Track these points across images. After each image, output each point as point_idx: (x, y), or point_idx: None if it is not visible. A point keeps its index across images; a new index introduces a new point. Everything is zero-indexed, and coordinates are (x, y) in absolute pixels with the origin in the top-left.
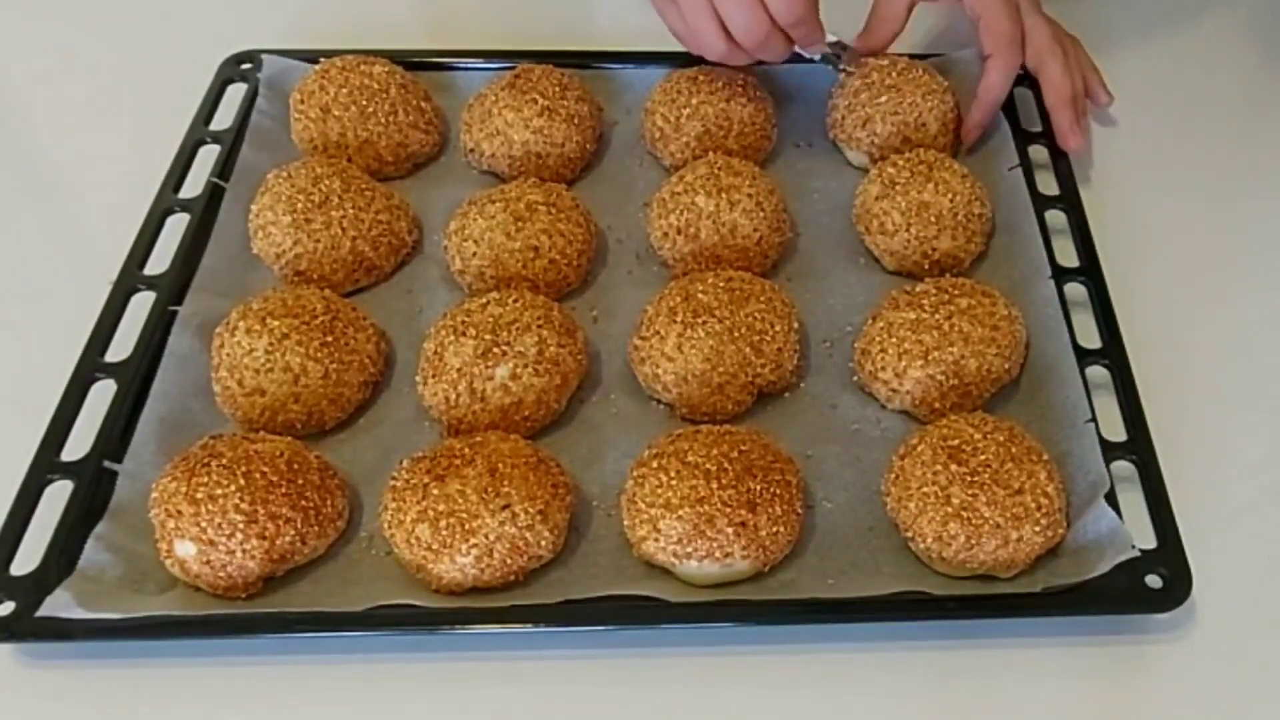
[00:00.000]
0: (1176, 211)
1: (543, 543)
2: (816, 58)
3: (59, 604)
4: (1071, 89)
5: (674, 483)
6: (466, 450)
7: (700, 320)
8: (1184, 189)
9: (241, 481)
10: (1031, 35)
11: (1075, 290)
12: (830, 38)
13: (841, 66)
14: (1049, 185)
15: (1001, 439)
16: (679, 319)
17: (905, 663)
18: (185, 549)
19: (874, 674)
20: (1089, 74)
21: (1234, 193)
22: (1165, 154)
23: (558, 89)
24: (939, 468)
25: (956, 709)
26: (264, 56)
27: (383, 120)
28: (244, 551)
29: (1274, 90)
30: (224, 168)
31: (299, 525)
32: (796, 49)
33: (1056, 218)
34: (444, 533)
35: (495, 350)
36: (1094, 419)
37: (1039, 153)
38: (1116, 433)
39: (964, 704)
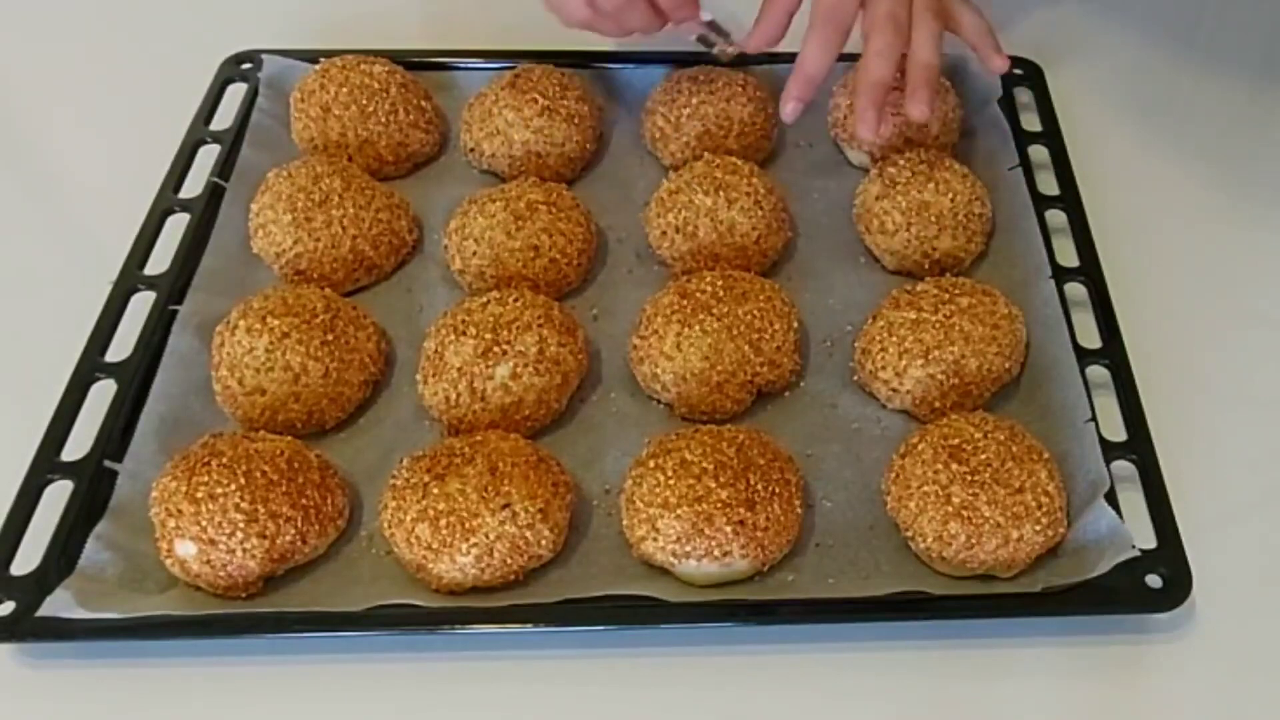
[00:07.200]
0: (1176, 211)
1: (543, 542)
2: (693, 37)
3: (59, 604)
4: (878, 75)
5: (672, 482)
6: (466, 449)
7: (698, 319)
8: (1184, 189)
9: (242, 480)
10: (871, 5)
11: (1075, 290)
12: (705, 15)
13: (716, 50)
14: (1049, 185)
15: (1002, 438)
16: (677, 317)
17: (905, 663)
18: (185, 548)
19: (874, 674)
20: (979, 39)
21: (1234, 192)
22: (1165, 154)
23: (558, 89)
24: (939, 467)
25: (957, 709)
26: (264, 56)
27: (383, 120)
28: (244, 551)
29: (1274, 90)
30: (224, 167)
31: (299, 524)
32: (672, 26)
33: (1056, 218)
34: (444, 532)
35: (495, 349)
36: (1094, 418)
37: (1039, 153)
38: (1116, 432)
39: (964, 704)
